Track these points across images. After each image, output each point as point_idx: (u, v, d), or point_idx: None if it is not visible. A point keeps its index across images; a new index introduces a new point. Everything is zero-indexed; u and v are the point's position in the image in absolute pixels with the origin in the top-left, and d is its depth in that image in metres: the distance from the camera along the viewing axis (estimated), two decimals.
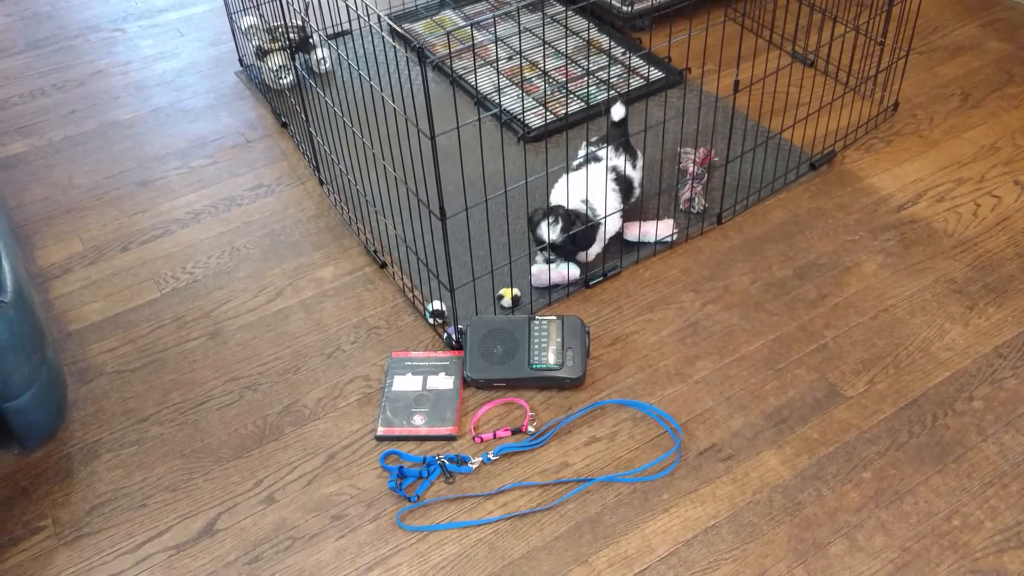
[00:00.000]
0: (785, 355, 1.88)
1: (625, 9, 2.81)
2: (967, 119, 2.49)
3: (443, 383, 1.83)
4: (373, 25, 2.38)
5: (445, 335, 1.93)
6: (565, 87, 2.62)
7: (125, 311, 2.06)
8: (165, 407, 1.84)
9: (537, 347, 1.82)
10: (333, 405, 1.83)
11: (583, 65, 2.69)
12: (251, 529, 1.62)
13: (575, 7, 2.88)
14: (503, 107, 2.53)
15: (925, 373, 1.83)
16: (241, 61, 2.86)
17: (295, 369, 1.90)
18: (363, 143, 2.02)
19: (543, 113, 2.51)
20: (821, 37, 2.73)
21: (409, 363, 1.87)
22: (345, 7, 2.75)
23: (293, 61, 2.53)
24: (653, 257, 2.12)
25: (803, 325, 1.94)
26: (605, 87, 2.62)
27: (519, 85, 2.62)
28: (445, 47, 2.85)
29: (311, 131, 2.32)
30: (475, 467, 1.69)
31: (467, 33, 2.88)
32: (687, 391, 1.82)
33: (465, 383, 1.83)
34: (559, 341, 1.83)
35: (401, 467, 1.68)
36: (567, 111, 2.52)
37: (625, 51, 2.77)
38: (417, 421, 1.76)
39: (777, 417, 1.76)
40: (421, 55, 1.48)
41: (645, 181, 2.22)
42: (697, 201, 2.20)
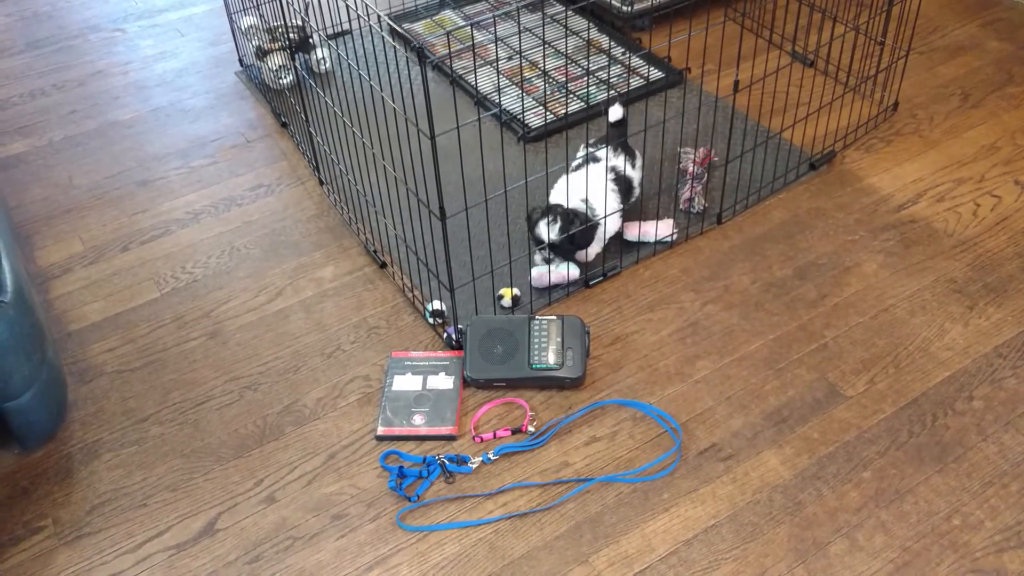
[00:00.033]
0: (785, 355, 1.88)
1: (625, 9, 2.81)
2: (967, 119, 2.49)
3: (443, 383, 1.83)
4: (373, 25, 2.38)
5: (445, 335, 1.93)
6: (565, 87, 2.62)
7: (125, 311, 2.06)
8: (165, 407, 1.84)
9: (537, 347, 1.82)
10: (333, 405, 1.83)
11: (583, 65, 2.69)
12: (251, 529, 1.62)
13: (575, 7, 2.88)
14: (503, 107, 2.53)
15: (925, 373, 1.83)
16: (241, 61, 2.86)
17: (295, 369, 1.90)
18: (363, 143, 2.02)
19: (543, 113, 2.51)
20: (821, 37, 2.72)
21: (409, 363, 1.87)
22: (345, 7, 2.74)
23: (293, 61, 2.53)
24: (653, 257, 2.12)
25: (803, 325, 1.94)
26: (605, 87, 2.62)
27: (519, 85, 2.62)
28: (445, 47, 2.85)
29: (311, 131, 2.32)
30: (475, 467, 1.69)
31: (467, 33, 2.88)
32: (687, 391, 1.82)
33: (465, 383, 1.83)
34: (559, 341, 1.83)
35: (401, 467, 1.68)
36: (567, 111, 2.52)
37: (625, 51, 2.77)
38: (417, 421, 1.76)
39: (777, 417, 1.76)
40: (421, 55, 1.48)
41: (645, 181, 2.22)
42: (697, 201, 2.20)
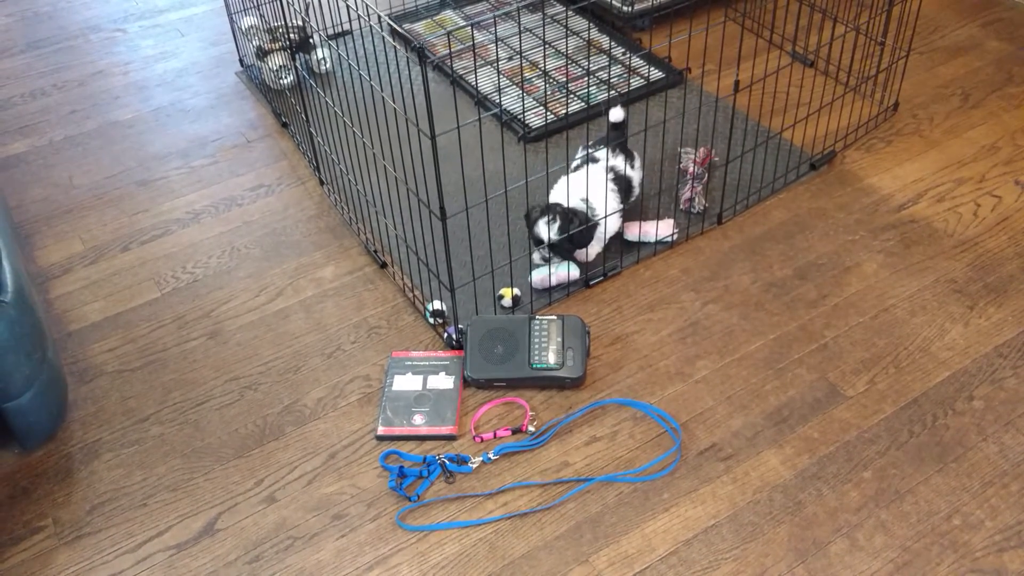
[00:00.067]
0: (785, 355, 1.88)
1: (625, 9, 2.81)
2: (967, 119, 2.49)
3: (443, 383, 1.83)
4: (373, 25, 2.39)
5: (445, 335, 1.93)
6: (565, 87, 2.62)
7: (125, 311, 2.06)
8: (165, 407, 1.84)
9: (537, 347, 1.82)
10: (333, 405, 1.83)
11: (583, 65, 2.69)
12: (251, 529, 1.62)
13: (575, 7, 2.88)
14: (503, 107, 2.53)
15: (925, 373, 1.83)
16: (241, 61, 2.86)
17: (295, 369, 1.90)
18: (363, 143, 2.02)
19: (543, 113, 2.51)
20: (821, 37, 2.73)
21: (409, 363, 1.87)
22: (345, 7, 2.74)
23: (293, 61, 2.53)
24: (653, 257, 2.12)
25: (803, 325, 1.94)
26: (605, 87, 2.62)
27: (519, 85, 2.62)
28: (445, 47, 2.85)
29: (311, 131, 2.32)
30: (475, 467, 1.69)
31: (467, 33, 2.88)
32: (687, 391, 1.82)
33: (465, 383, 1.83)
34: (559, 341, 1.83)
35: (401, 467, 1.68)
36: (567, 111, 2.52)
37: (625, 51, 2.77)
38: (417, 421, 1.76)
39: (777, 417, 1.76)
40: (421, 55, 1.48)
41: (645, 181, 2.22)
42: (697, 201, 2.20)
